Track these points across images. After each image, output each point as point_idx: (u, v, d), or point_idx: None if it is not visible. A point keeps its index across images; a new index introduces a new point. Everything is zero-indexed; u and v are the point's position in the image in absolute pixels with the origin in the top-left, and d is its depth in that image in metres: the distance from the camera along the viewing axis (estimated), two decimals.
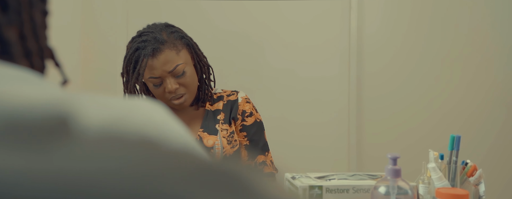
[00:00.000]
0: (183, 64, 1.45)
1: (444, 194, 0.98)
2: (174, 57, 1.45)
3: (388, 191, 0.95)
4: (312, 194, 0.99)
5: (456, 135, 1.10)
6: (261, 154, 1.56)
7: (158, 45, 1.43)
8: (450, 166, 1.08)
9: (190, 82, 1.47)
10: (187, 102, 1.48)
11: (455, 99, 2.54)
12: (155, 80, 1.45)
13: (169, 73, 1.43)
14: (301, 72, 2.48)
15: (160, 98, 1.50)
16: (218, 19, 2.47)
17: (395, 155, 0.96)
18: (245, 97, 1.61)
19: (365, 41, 2.51)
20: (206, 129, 1.50)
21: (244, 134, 1.56)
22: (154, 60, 1.42)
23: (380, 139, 2.51)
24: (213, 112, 1.56)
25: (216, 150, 1.47)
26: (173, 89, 1.44)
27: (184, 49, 1.48)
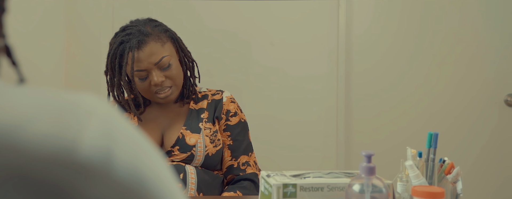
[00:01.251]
0: (168, 56, 1.45)
1: (420, 192, 0.97)
2: (160, 49, 1.44)
3: (362, 189, 0.94)
4: (286, 192, 0.98)
5: (434, 132, 1.09)
6: (244, 154, 1.55)
7: (143, 37, 1.43)
8: (427, 163, 1.07)
9: (176, 75, 1.47)
10: (173, 95, 1.48)
11: (444, 98, 2.53)
12: (141, 73, 1.44)
13: (155, 65, 1.43)
14: (289, 70, 2.47)
15: (145, 93, 1.48)
16: (206, 16, 2.45)
17: (370, 153, 0.94)
18: (230, 97, 1.59)
19: (354, 40, 2.50)
20: (189, 127, 1.49)
21: (227, 134, 1.54)
22: (139, 52, 1.42)
23: (369, 138, 2.50)
24: (197, 111, 1.54)
25: (198, 148, 1.45)
26: (160, 82, 1.44)
27: (169, 42, 1.48)
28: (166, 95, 1.47)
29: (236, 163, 1.53)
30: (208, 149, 1.47)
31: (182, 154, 1.45)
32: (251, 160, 1.56)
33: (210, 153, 1.47)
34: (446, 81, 2.53)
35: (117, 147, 0.37)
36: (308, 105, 2.48)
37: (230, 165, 1.54)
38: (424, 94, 2.53)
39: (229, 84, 2.44)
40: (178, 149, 1.45)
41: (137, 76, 1.46)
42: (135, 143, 0.39)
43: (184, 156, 1.45)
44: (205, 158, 1.46)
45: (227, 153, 1.54)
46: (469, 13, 2.53)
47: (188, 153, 1.45)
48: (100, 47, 2.34)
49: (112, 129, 0.37)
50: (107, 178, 0.35)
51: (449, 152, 2.49)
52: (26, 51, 2.00)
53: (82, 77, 2.38)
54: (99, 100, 0.39)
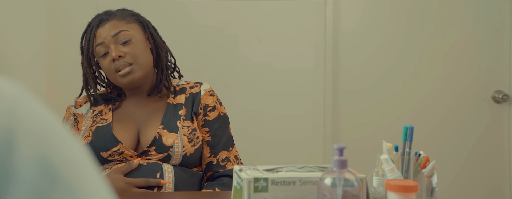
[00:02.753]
0: (129, 32, 1.43)
1: (393, 185, 0.96)
2: (121, 24, 1.44)
3: (334, 183, 0.93)
4: (257, 186, 0.96)
5: (410, 126, 1.07)
6: (224, 149, 1.50)
7: (107, 16, 1.45)
8: (403, 157, 1.05)
9: (138, 54, 1.42)
10: (136, 74, 1.42)
11: (432, 95, 2.52)
12: (101, 48, 1.43)
13: (113, 37, 1.41)
14: (277, 65, 2.46)
15: (109, 73, 1.45)
16: (193, 12, 2.43)
17: (341, 146, 0.93)
18: (209, 90, 1.53)
19: (341, 36, 2.49)
20: (166, 126, 1.43)
21: (206, 130, 1.49)
22: (100, 28, 1.43)
23: (356, 133, 2.49)
24: (174, 106, 1.48)
25: (175, 149, 1.40)
26: (116, 55, 1.40)
27: (135, 23, 1.47)
28: (125, 72, 1.41)
29: (216, 160, 1.49)
30: (185, 149, 1.42)
31: (159, 154, 1.40)
32: (232, 155, 1.51)
33: (188, 152, 1.42)
34: (434, 78, 2.52)
35: (21, 130, 0.35)
36: (296, 100, 2.47)
37: (210, 161, 1.49)
38: (412, 91, 2.52)
39: (216, 80, 2.42)
40: (155, 150, 1.40)
41: (98, 53, 1.44)
42: (44, 125, 0.37)
43: (161, 156, 1.40)
44: (183, 158, 1.41)
45: (206, 150, 1.49)
46: (457, 10, 2.52)
47: (165, 154, 1.40)
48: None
49: (15, 110, 0.35)
50: (7, 163, 0.33)
51: (436, 148, 2.48)
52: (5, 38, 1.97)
53: (64, 65, 2.34)
54: (4, 80, 0.37)
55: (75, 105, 1.54)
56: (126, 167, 1.36)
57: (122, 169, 1.36)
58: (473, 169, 2.54)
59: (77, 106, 1.54)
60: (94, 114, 1.50)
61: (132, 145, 1.43)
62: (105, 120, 1.47)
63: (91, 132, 1.44)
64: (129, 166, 1.37)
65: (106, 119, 1.47)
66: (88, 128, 1.46)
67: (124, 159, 1.41)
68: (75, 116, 1.52)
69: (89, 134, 1.44)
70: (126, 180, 1.34)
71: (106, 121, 1.46)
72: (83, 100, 1.55)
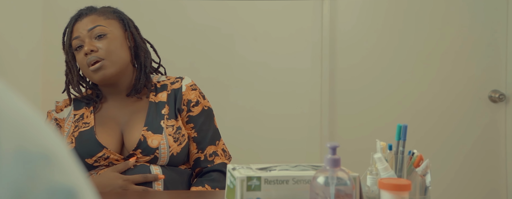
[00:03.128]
0: (105, 27, 1.41)
1: (386, 184, 0.96)
2: (99, 19, 1.42)
3: (327, 182, 0.93)
4: (250, 185, 0.96)
5: (403, 125, 1.07)
6: (211, 144, 1.47)
7: (87, 11, 1.44)
8: (397, 156, 1.05)
9: (112, 49, 1.40)
10: (108, 71, 1.39)
11: (429, 94, 2.52)
12: (76, 42, 1.41)
13: (89, 32, 1.40)
14: (273, 64, 2.46)
15: (83, 68, 1.42)
16: (190, 11, 2.42)
17: (334, 144, 0.93)
18: (190, 85, 1.49)
19: (338, 35, 2.48)
20: (150, 127, 1.40)
21: (191, 126, 1.46)
22: (78, 22, 1.42)
23: (353, 132, 2.49)
24: (156, 104, 1.45)
25: (162, 150, 1.38)
26: (88, 49, 1.38)
27: (114, 20, 1.45)
28: (95, 67, 1.38)
29: (203, 155, 1.46)
30: (172, 149, 1.39)
31: (145, 157, 1.38)
32: (219, 148, 1.48)
33: (174, 152, 1.40)
34: (431, 77, 2.52)
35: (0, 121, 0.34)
36: (292, 99, 2.47)
37: (197, 157, 1.46)
38: (409, 91, 2.52)
39: (212, 79, 2.43)
40: (141, 152, 1.38)
41: (73, 46, 1.43)
42: (23, 119, 0.36)
43: (147, 158, 1.38)
44: (170, 158, 1.39)
45: (193, 146, 1.46)
46: (454, 10, 2.52)
47: (151, 156, 1.38)
48: None
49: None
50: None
51: (433, 148, 2.48)
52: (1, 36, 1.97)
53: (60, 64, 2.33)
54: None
55: (56, 109, 1.51)
56: (122, 166, 1.35)
57: (118, 168, 1.35)
58: (470, 169, 2.54)
59: (58, 110, 1.51)
60: (75, 118, 1.46)
61: (116, 148, 1.41)
62: (87, 124, 1.44)
63: (73, 138, 1.42)
64: (126, 165, 1.36)
65: (88, 123, 1.44)
66: (70, 134, 1.43)
67: (110, 164, 1.39)
68: (57, 120, 1.49)
69: (72, 141, 1.41)
70: (124, 177, 1.33)
71: (88, 125, 1.43)
72: (63, 103, 1.52)
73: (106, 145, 1.39)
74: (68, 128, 1.46)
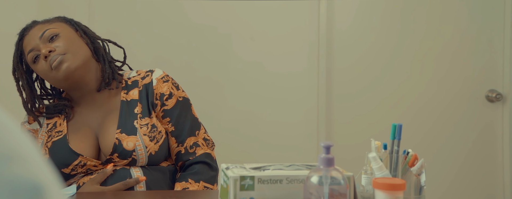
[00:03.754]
0: (55, 28, 1.38)
1: (381, 184, 0.95)
2: (45, 25, 1.40)
3: (321, 181, 0.92)
4: (244, 185, 0.95)
5: (398, 124, 1.07)
6: (190, 135, 1.43)
7: (30, 24, 1.42)
8: (391, 155, 1.05)
9: (69, 44, 1.36)
10: (70, 63, 1.34)
11: (426, 94, 2.51)
12: (32, 54, 1.37)
13: (40, 39, 1.36)
14: (270, 64, 2.45)
15: (46, 75, 1.37)
16: (186, 10, 2.41)
17: (328, 144, 0.92)
18: (161, 77, 1.43)
19: (335, 36, 2.48)
20: (124, 129, 1.36)
21: (167, 120, 1.41)
22: (26, 37, 1.39)
23: (350, 131, 2.48)
24: (128, 103, 1.40)
25: (139, 152, 1.34)
26: (47, 51, 1.34)
27: (61, 22, 1.42)
28: (57, 62, 1.33)
29: (183, 148, 1.41)
30: (149, 148, 1.35)
31: (123, 160, 1.35)
32: (200, 138, 1.44)
33: (152, 151, 1.36)
34: (428, 77, 2.52)
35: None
36: (289, 98, 2.46)
37: (178, 151, 1.42)
38: (406, 90, 2.51)
39: (209, 78, 2.42)
40: (118, 156, 1.34)
41: (30, 61, 1.38)
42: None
43: (125, 162, 1.35)
44: (148, 158, 1.36)
45: (172, 140, 1.42)
46: (451, 9, 2.52)
47: (129, 159, 1.34)
48: None
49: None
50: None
51: (430, 147, 2.48)
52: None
53: None
54: None
55: (28, 120, 1.45)
56: (100, 176, 1.32)
57: (97, 179, 1.32)
58: (466, 169, 2.53)
59: (31, 121, 1.45)
60: (48, 127, 1.42)
61: (92, 154, 1.37)
62: (60, 133, 1.40)
63: (47, 149, 1.38)
64: (104, 174, 1.32)
65: (61, 131, 1.40)
66: (44, 145, 1.40)
67: (88, 170, 1.36)
68: (30, 132, 1.45)
69: (46, 152, 1.38)
70: (105, 189, 1.30)
71: (61, 133, 1.39)
72: (31, 117, 1.45)
73: (80, 152, 1.35)
74: (42, 138, 1.42)
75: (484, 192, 2.54)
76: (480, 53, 2.52)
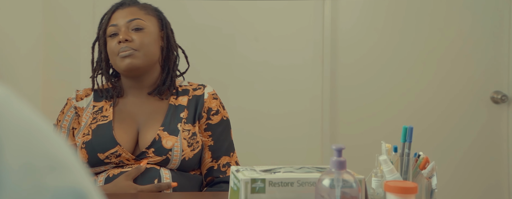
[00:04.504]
0: (143, 21, 1.43)
1: (392, 187, 0.94)
2: (139, 13, 1.44)
3: (332, 184, 0.91)
4: (255, 187, 0.95)
5: (409, 126, 1.06)
6: (225, 155, 1.47)
7: (130, 2, 1.46)
8: (402, 158, 1.04)
9: (146, 43, 1.41)
10: (136, 61, 1.40)
11: (431, 94, 2.50)
12: (112, 29, 1.43)
13: (128, 23, 1.42)
14: (274, 64, 2.44)
15: (111, 54, 1.43)
16: (190, 11, 2.40)
17: (340, 146, 0.91)
18: (212, 93, 1.50)
19: (339, 35, 2.47)
20: (167, 128, 1.40)
21: (208, 134, 1.46)
22: (118, 11, 1.44)
23: (354, 131, 2.47)
24: (176, 107, 1.45)
25: (174, 153, 1.37)
26: (123, 38, 1.39)
27: (154, 17, 1.47)
28: (125, 54, 1.39)
29: (216, 165, 1.46)
30: (185, 153, 1.38)
31: (156, 157, 1.37)
32: (233, 160, 1.49)
33: (187, 157, 1.39)
34: (432, 77, 2.51)
35: (5, 132, 0.33)
36: (293, 98, 2.45)
37: (210, 166, 1.46)
38: (411, 92, 2.50)
39: (213, 79, 2.40)
40: (153, 152, 1.37)
41: (108, 32, 1.44)
42: (29, 128, 0.35)
43: (159, 159, 1.37)
44: (181, 162, 1.38)
45: (207, 155, 1.46)
46: (455, 9, 2.51)
47: (163, 157, 1.37)
48: (79, 34, 2.29)
49: (1, 113, 0.34)
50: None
51: (434, 148, 2.47)
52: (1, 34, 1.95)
53: (60, 61, 2.32)
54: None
55: (76, 97, 1.50)
56: (135, 171, 1.34)
57: (132, 174, 1.33)
58: (471, 170, 2.53)
59: (78, 99, 1.49)
60: (94, 110, 1.45)
61: (130, 147, 1.39)
62: (105, 118, 1.43)
63: (90, 130, 1.41)
64: (138, 170, 1.34)
65: (107, 116, 1.43)
66: (88, 125, 1.42)
67: (120, 162, 1.37)
68: (76, 109, 1.48)
69: (89, 132, 1.41)
70: (138, 188, 1.31)
71: (107, 119, 1.42)
72: (84, 93, 1.51)
73: (120, 142, 1.38)
74: (86, 118, 1.45)
75: (488, 194, 2.54)
76: (485, 54, 2.51)
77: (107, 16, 1.46)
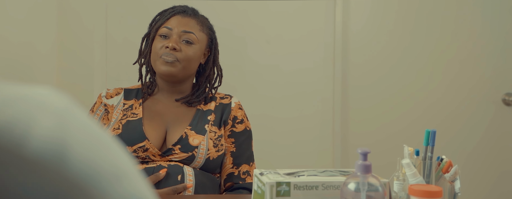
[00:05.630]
0: (196, 38, 1.48)
1: (417, 191, 0.95)
2: (196, 28, 1.49)
3: (358, 188, 0.92)
4: (280, 191, 0.95)
5: (432, 130, 1.06)
6: (246, 163, 1.51)
7: (192, 13, 1.52)
8: (425, 162, 1.04)
9: (190, 57, 1.47)
10: (176, 69, 1.45)
11: (442, 96, 2.50)
12: (165, 30, 1.47)
13: (181, 32, 1.46)
14: (285, 67, 2.44)
15: (154, 53, 1.47)
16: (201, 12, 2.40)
17: (365, 150, 0.92)
18: (238, 103, 1.57)
19: (351, 37, 2.47)
20: (194, 128, 1.45)
21: (232, 140, 1.51)
22: (178, 17, 1.49)
23: (365, 133, 2.47)
24: (204, 112, 1.51)
25: (201, 150, 1.41)
26: (172, 46, 1.44)
27: (206, 35, 1.52)
28: (168, 60, 1.44)
29: (237, 171, 1.49)
30: (210, 152, 1.42)
31: (182, 154, 1.40)
32: (252, 169, 1.52)
33: (211, 157, 1.42)
34: (443, 79, 2.51)
35: (72, 141, 0.34)
36: (304, 101, 2.46)
37: (231, 172, 1.49)
38: (422, 94, 2.50)
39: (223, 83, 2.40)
40: (180, 148, 1.40)
41: (160, 32, 1.48)
42: (93, 137, 0.36)
43: (184, 156, 1.40)
44: (205, 161, 1.42)
45: (229, 160, 1.50)
46: (466, 11, 2.50)
47: (189, 154, 1.40)
48: (93, 41, 2.30)
49: (66, 122, 0.34)
50: (60, 174, 0.32)
51: (444, 149, 2.46)
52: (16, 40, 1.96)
53: (74, 67, 2.33)
54: (53, 91, 0.36)
55: (106, 95, 1.54)
56: (153, 178, 1.36)
57: (150, 181, 1.36)
58: (482, 172, 2.52)
59: (108, 96, 1.54)
60: (124, 107, 1.50)
61: (158, 144, 1.43)
62: (135, 115, 1.47)
63: (121, 124, 1.44)
64: (156, 178, 1.36)
65: (137, 114, 1.47)
66: (118, 121, 1.46)
67: (147, 157, 1.40)
68: (105, 106, 1.52)
69: (119, 127, 1.44)
70: (155, 193, 1.33)
71: (137, 116, 1.47)
72: (114, 91, 1.55)
73: (149, 138, 1.41)
74: (117, 115, 1.49)
75: (499, 195, 2.53)
76: (496, 56, 2.51)
77: (165, 16, 1.51)
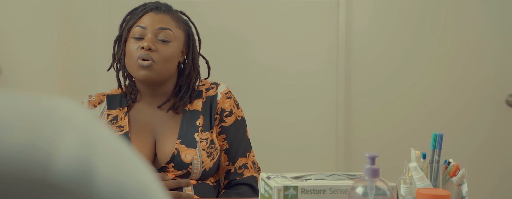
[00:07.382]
0: (173, 35, 1.37)
1: (424, 195, 0.94)
2: (172, 24, 1.39)
3: (365, 192, 0.91)
4: (287, 195, 0.95)
5: (439, 133, 1.06)
6: (242, 156, 1.45)
7: (166, 8, 1.42)
8: (432, 165, 1.04)
9: (168, 57, 1.36)
10: (153, 72, 1.34)
11: (445, 97, 2.49)
12: (138, 30, 1.36)
13: (157, 30, 1.36)
14: (289, 68, 2.43)
15: (129, 57, 1.36)
16: (205, 14, 2.40)
17: (373, 154, 0.91)
18: (225, 92, 1.46)
19: (354, 37, 2.46)
20: (184, 140, 1.37)
21: (223, 137, 1.44)
22: (151, 14, 1.38)
23: (369, 135, 2.46)
24: (191, 114, 1.42)
25: (195, 166, 1.35)
26: (147, 46, 1.32)
27: (182, 31, 1.42)
28: (145, 64, 1.32)
29: (233, 168, 1.44)
30: (205, 164, 1.37)
31: (177, 171, 1.35)
32: (249, 160, 1.46)
33: (207, 167, 1.38)
34: (446, 80, 2.50)
35: (98, 158, 0.33)
36: (308, 102, 2.45)
37: (227, 170, 1.45)
38: (425, 95, 2.49)
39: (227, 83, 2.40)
40: (173, 166, 1.35)
41: (133, 32, 1.37)
42: (117, 152, 0.35)
43: (180, 173, 1.35)
44: (202, 173, 1.37)
45: (224, 158, 1.44)
46: (469, 11, 2.50)
47: (184, 171, 1.35)
48: (96, 43, 2.30)
49: (90, 138, 0.34)
50: (86, 196, 0.32)
51: (448, 151, 2.46)
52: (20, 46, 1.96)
53: (77, 71, 2.33)
54: (76, 105, 0.36)
55: (89, 104, 1.45)
56: (176, 195, 1.34)
57: (173, 196, 1.34)
58: (485, 173, 2.52)
59: (91, 106, 1.45)
60: (109, 119, 1.41)
61: (149, 158, 1.37)
62: (121, 128, 1.39)
63: None
64: (178, 195, 1.33)
65: (123, 127, 1.39)
66: None
67: None
68: None
69: None
70: None
71: (123, 129, 1.39)
72: (97, 99, 1.46)
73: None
74: None
75: (502, 197, 2.53)
76: (499, 56, 2.50)
77: (136, 15, 1.40)
